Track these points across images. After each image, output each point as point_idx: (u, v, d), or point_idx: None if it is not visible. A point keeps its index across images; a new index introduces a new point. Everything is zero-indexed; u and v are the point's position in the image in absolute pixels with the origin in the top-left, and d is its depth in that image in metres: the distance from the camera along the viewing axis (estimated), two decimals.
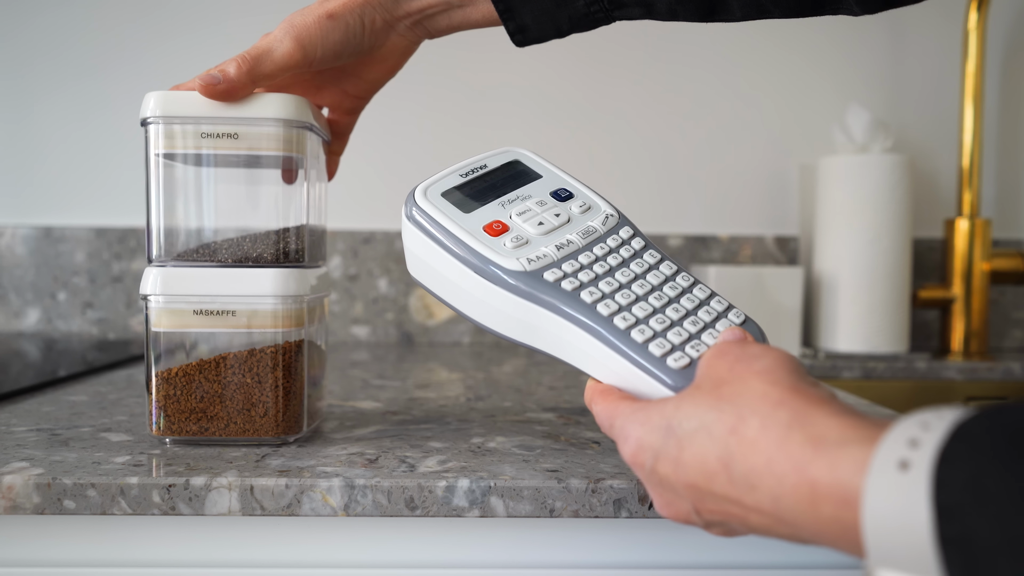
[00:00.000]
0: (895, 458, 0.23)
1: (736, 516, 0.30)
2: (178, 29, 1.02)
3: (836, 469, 0.25)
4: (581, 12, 0.51)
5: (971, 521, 0.21)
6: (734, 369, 0.31)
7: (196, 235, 0.49)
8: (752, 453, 0.28)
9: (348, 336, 1.02)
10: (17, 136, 1.03)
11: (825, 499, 0.25)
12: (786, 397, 0.28)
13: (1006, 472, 0.21)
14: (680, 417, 0.31)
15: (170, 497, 0.41)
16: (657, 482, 0.33)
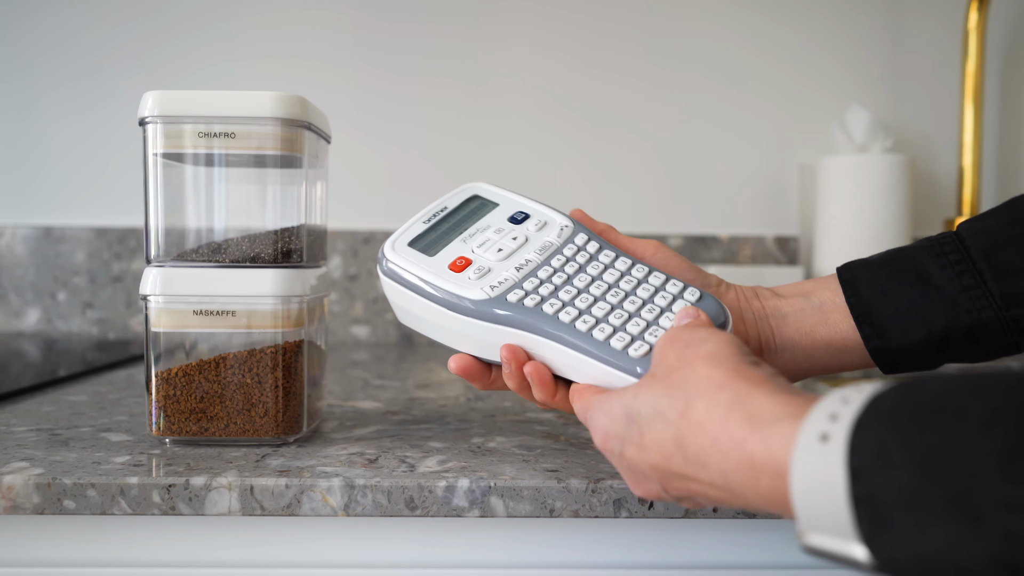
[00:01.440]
0: (817, 432, 0.25)
1: (697, 491, 0.32)
2: (178, 29, 1.02)
3: (769, 444, 0.27)
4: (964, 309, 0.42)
5: (875, 481, 0.23)
6: (682, 355, 0.34)
7: (195, 235, 0.49)
8: (700, 434, 0.30)
9: (348, 336, 1.02)
10: (17, 136, 1.03)
11: (762, 472, 0.28)
12: (728, 379, 0.31)
13: (904, 436, 0.23)
14: (638, 405, 0.34)
15: (170, 497, 0.41)
16: (627, 466, 0.35)
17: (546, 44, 1.04)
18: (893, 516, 0.23)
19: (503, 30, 1.03)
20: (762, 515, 0.42)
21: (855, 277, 0.44)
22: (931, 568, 0.22)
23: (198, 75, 1.02)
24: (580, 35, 1.04)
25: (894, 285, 0.43)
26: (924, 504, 0.22)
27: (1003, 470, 0.20)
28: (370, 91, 1.03)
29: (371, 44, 1.03)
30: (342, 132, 0.98)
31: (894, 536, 0.23)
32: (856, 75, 1.05)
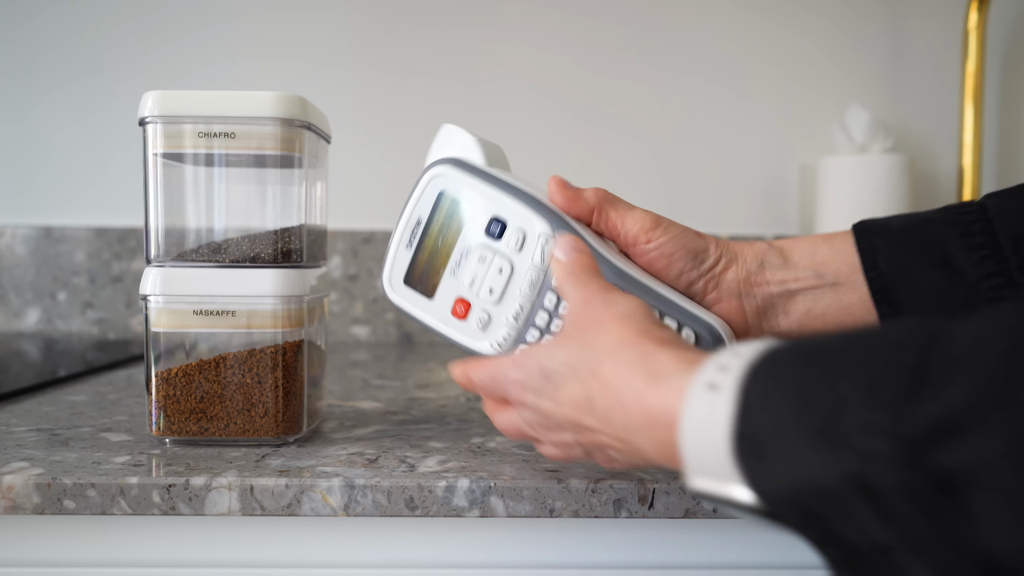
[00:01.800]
0: (706, 382, 0.27)
1: (607, 445, 0.34)
2: (179, 29, 1.02)
3: (665, 397, 0.29)
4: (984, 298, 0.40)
5: (757, 417, 0.25)
6: (597, 316, 0.35)
7: (195, 235, 0.49)
8: (607, 390, 0.32)
9: (348, 336, 1.02)
10: (17, 136, 1.03)
11: (658, 424, 0.29)
12: (635, 339, 0.32)
13: (787, 377, 0.24)
14: (553, 363, 0.35)
15: (170, 497, 0.41)
16: (541, 420, 0.37)
17: (545, 46, 1.04)
18: (769, 448, 0.24)
19: (502, 31, 1.03)
20: None
21: (874, 247, 0.42)
22: (799, 494, 0.23)
23: (198, 75, 1.02)
24: (579, 37, 1.04)
25: (916, 264, 0.41)
26: (797, 435, 0.23)
27: (866, 398, 0.21)
28: (370, 91, 1.03)
29: (371, 44, 1.03)
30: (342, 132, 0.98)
31: (770, 467, 0.24)
32: (856, 75, 1.05)
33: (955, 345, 0.21)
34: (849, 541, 0.23)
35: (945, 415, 0.20)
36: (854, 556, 0.24)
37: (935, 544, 0.21)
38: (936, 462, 0.20)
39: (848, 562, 0.24)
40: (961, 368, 0.20)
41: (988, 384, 0.19)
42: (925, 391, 0.20)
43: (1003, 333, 0.20)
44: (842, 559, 0.24)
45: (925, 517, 0.20)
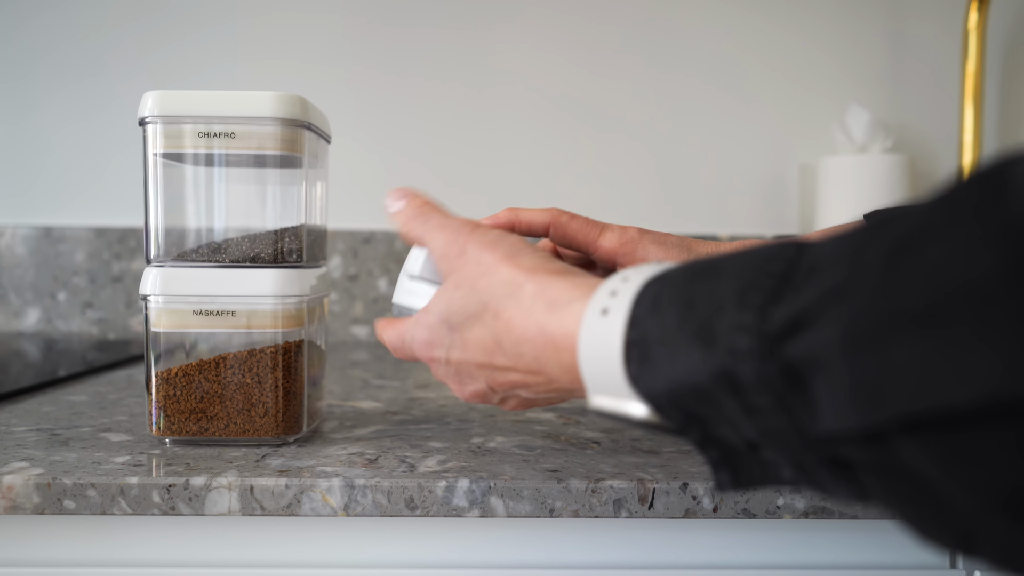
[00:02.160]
0: (599, 307, 0.28)
1: (519, 383, 0.36)
2: (179, 29, 1.02)
3: (565, 323, 0.31)
4: None
5: (645, 324, 0.26)
6: (481, 261, 0.36)
7: (195, 235, 0.49)
8: (513, 328, 0.33)
9: (348, 336, 1.02)
10: (18, 136, 1.03)
11: (562, 349, 0.31)
12: (528, 275, 0.34)
13: (675, 288, 0.26)
14: (453, 314, 0.36)
15: (170, 497, 0.41)
16: (454, 372, 0.38)
17: (544, 46, 1.04)
18: (654, 351, 0.26)
19: (502, 32, 1.03)
20: (762, 515, 0.42)
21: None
22: (676, 392, 0.25)
23: (198, 75, 1.02)
24: (578, 38, 1.04)
25: None
26: (677, 337, 0.25)
27: (737, 301, 0.23)
28: (370, 91, 1.03)
29: (371, 44, 1.03)
30: (342, 132, 0.99)
31: (653, 368, 0.26)
32: (856, 75, 1.05)
33: (815, 255, 0.22)
34: (725, 440, 0.25)
35: (796, 312, 0.21)
36: (731, 455, 0.26)
37: (790, 438, 0.22)
38: (785, 354, 0.21)
39: (727, 462, 0.26)
40: (816, 273, 0.21)
41: (832, 282, 0.21)
42: (786, 294, 0.22)
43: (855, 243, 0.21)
44: (721, 458, 0.26)
45: (780, 410, 0.22)
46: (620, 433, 0.53)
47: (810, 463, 0.23)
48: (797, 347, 0.21)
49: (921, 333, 0.18)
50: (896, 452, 0.19)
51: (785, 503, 0.42)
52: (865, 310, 0.19)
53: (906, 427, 0.19)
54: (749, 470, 0.26)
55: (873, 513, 0.42)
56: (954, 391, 0.17)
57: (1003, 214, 0.17)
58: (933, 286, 0.18)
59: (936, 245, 0.18)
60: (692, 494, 0.42)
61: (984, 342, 0.17)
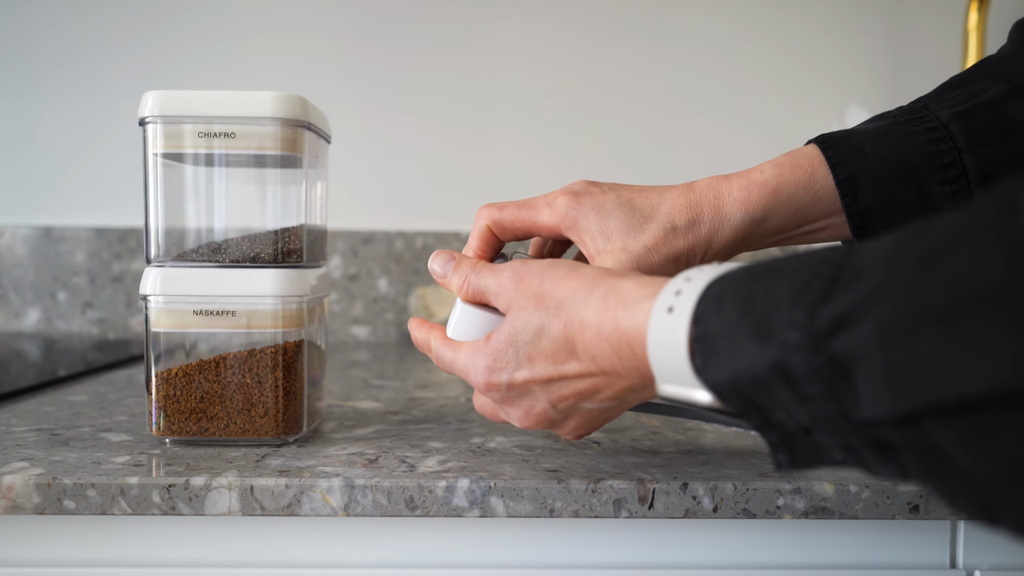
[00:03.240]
0: (665, 306, 0.31)
1: (584, 391, 0.37)
2: (180, 28, 1.02)
3: (636, 319, 0.33)
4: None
5: (708, 321, 0.29)
6: (543, 281, 0.38)
7: (195, 235, 0.49)
8: (586, 331, 0.35)
9: (348, 336, 1.02)
10: (17, 136, 1.03)
11: (634, 343, 0.33)
12: (597, 279, 0.36)
13: (736, 288, 0.28)
14: (519, 333, 0.37)
15: (170, 497, 0.41)
16: (516, 394, 0.39)
17: (545, 45, 1.04)
18: (718, 346, 0.28)
19: (502, 32, 1.03)
20: (762, 515, 0.42)
21: (854, 177, 0.43)
22: (739, 382, 0.27)
23: (198, 75, 1.02)
24: (577, 36, 1.04)
25: (895, 202, 0.43)
26: (738, 333, 0.27)
27: (792, 301, 0.26)
28: (370, 91, 1.03)
29: (371, 44, 1.03)
30: (342, 132, 0.99)
31: (717, 361, 0.28)
32: (856, 74, 1.05)
33: (860, 259, 0.25)
34: (783, 424, 0.28)
35: (841, 312, 0.24)
36: (789, 438, 0.28)
37: (837, 423, 0.25)
38: (831, 348, 0.24)
39: (785, 444, 0.29)
40: (860, 277, 0.24)
41: (871, 285, 0.23)
42: (833, 295, 0.24)
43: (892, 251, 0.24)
44: (780, 441, 0.29)
45: (828, 397, 0.25)
46: (620, 433, 0.53)
47: (856, 445, 0.25)
48: (842, 342, 0.23)
49: (942, 330, 0.21)
50: (927, 434, 0.22)
51: (785, 503, 0.42)
52: (896, 310, 0.22)
53: (932, 412, 0.21)
54: (805, 452, 0.28)
55: (872, 513, 0.42)
56: (967, 382, 0.20)
57: (1013, 232, 0.20)
58: (952, 290, 0.21)
59: (957, 254, 0.21)
60: (692, 494, 0.42)
61: (992, 339, 0.19)
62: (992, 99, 0.43)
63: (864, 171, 0.44)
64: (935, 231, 0.22)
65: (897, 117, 0.45)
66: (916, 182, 0.43)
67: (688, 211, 0.44)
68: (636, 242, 0.43)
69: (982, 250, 0.20)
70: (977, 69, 0.46)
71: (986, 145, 0.43)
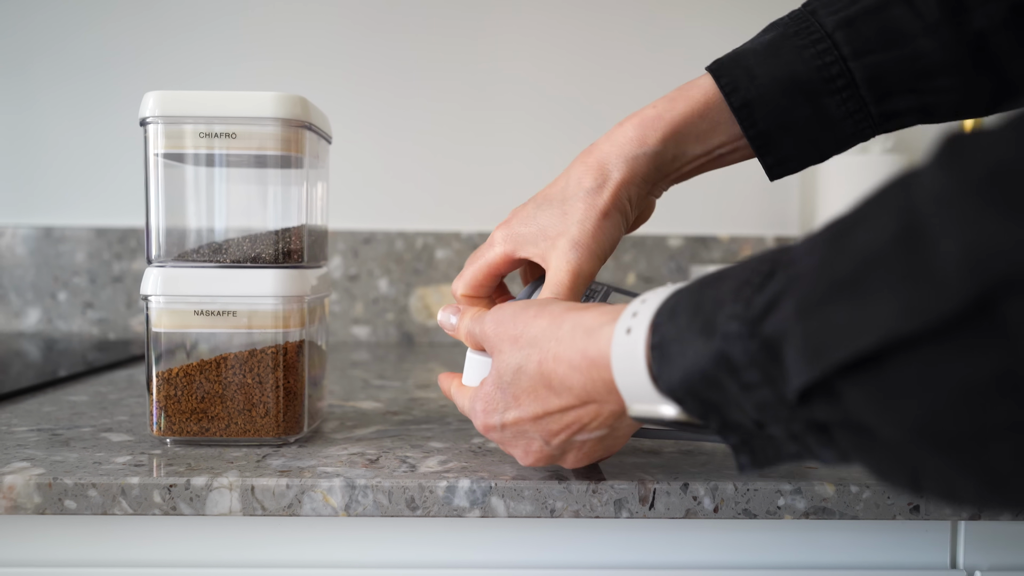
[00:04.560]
0: (624, 327, 0.32)
1: (573, 423, 0.38)
2: (179, 29, 1.02)
3: (599, 344, 0.34)
4: (849, 132, 0.46)
5: (663, 329, 0.30)
6: (517, 324, 0.39)
7: (196, 235, 0.49)
8: (559, 365, 0.36)
9: (348, 336, 1.02)
10: (18, 136, 1.03)
11: (601, 367, 0.34)
12: (563, 315, 0.37)
13: (688, 297, 0.30)
14: (502, 374, 0.39)
15: (171, 497, 0.41)
16: (512, 435, 0.40)
17: (546, 45, 1.04)
18: (671, 349, 0.29)
19: (502, 32, 1.03)
20: (762, 515, 0.42)
21: (749, 103, 0.45)
22: (688, 378, 0.28)
23: (198, 75, 1.02)
24: (579, 37, 1.04)
25: (792, 119, 0.45)
26: (688, 333, 0.29)
27: (733, 296, 0.27)
28: (370, 91, 1.03)
29: (372, 44, 1.03)
30: (342, 132, 0.99)
31: (670, 363, 0.29)
32: None
33: (793, 251, 0.26)
34: (740, 423, 0.28)
35: (772, 296, 0.25)
36: (747, 438, 0.29)
37: (778, 408, 0.26)
38: (763, 330, 0.25)
39: (745, 445, 0.29)
40: (788, 268, 0.25)
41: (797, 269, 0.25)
42: (767, 286, 0.26)
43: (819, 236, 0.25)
44: (740, 443, 0.29)
45: (766, 382, 0.25)
46: None
47: (799, 431, 0.26)
48: (770, 323, 0.25)
49: (848, 296, 0.22)
50: (846, 404, 0.23)
51: (785, 503, 0.42)
52: (812, 284, 0.23)
53: (840, 374, 0.22)
54: (764, 450, 0.29)
55: (873, 513, 0.43)
56: (864, 336, 0.21)
57: (904, 199, 0.22)
58: (856, 258, 0.22)
59: (862, 226, 0.23)
60: (693, 494, 0.42)
61: (882, 295, 0.21)
62: (876, 5, 0.44)
63: (757, 95, 0.45)
64: (848, 214, 0.24)
65: (787, 27, 0.47)
66: (809, 96, 0.45)
67: (592, 171, 0.45)
68: (569, 223, 0.44)
69: (878, 221, 0.22)
70: None
71: (871, 52, 0.44)
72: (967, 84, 0.44)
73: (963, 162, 0.21)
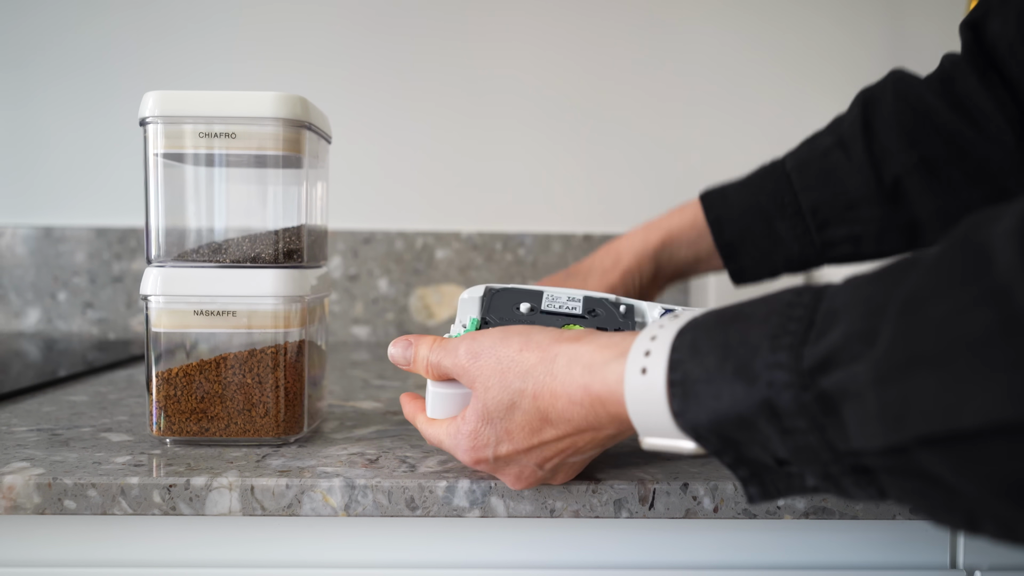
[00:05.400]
0: (637, 367, 0.33)
1: (568, 448, 0.38)
2: (179, 29, 1.02)
3: (608, 383, 0.34)
4: (796, 254, 0.59)
5: (687, 367, 0.31)
6: (501, 359, 0.38)
7: (196, 235, 0.49)
8: (557, 401, 0.36)
9: (348, 336, 1.02)
10: (18, 136, 1.03)
11: (609, 404, 0.34)
12: (554, 348, 0.37)
13: (709, 334, 0.31)
14: (491, 411, 0.38)
15: (171, 497, 0.41)
16: (503, 464, 0.40)
17: (544, 47, 1.04)
18: (698, 389, 0.30)
19: (502, 32, 1.03)
20: (762, 515, 0.42)
21: (719, 218, 0.60)
22: (720, 422, 0.29)
23: (198, 75, 1.02)
24: (578, 38, 1.04)
25: (751, 236, 0.59)
26: (719, 375, 0.29)
27: (771, 345, 0.28)
28: (370, 91, 1.03)
29: (371, 44, 1.03)
30: (342, 132, 0.99)
31: (698, 403, 0.30)
32: (856, 75, 1.05)
33: (830, 302, 0.28)
34: (756, 459, 0.30)
35: (827, 352, 0.26)
36: (759, 471, 0.31)
37: (821, 453, 0.27)
38: (820, 385, 0.26)
39: (756, 478, 0.31)
40: (835, 319, 0.27)
41: (856, 328, 0.26)
42: (811, 337, 0.27)
43: (866, 295, 0.26)
44: (750, 476, 0.31)
45: (814, 430, 0.27)
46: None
47: (836, 472, 0.28)
48: (830, 380, 0.26)
49: (933, 372, 0.23)
50: (915, 460, 0.25)
51: (786, 503, 0.42)
52: (889, 352, 0.24)
53: (924, 443, 0.24)
54: (775, 483, 0.31)
55: (873, 513, 0.43)
56: (964, 416, 0.22)
57: (990, 282, 0.23)
58: (942, 336, 0.23)
59: (937, 302, 0.24)
60: (692, 494, 0.42)
61: (989, 379, 0.22)
62: (822, 151, 0.58)
63: (727, 214, 0.60)
64: (909, 278, 0.25)
65: (763, 169, 0.61)
66: (766, 219, 0.59)
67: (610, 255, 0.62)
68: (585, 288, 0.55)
69: (963, 300, 0.23)
70: (830, 124, 0.60)
71: (814, 188, 0.58)
72: (884, 216, 0.56)
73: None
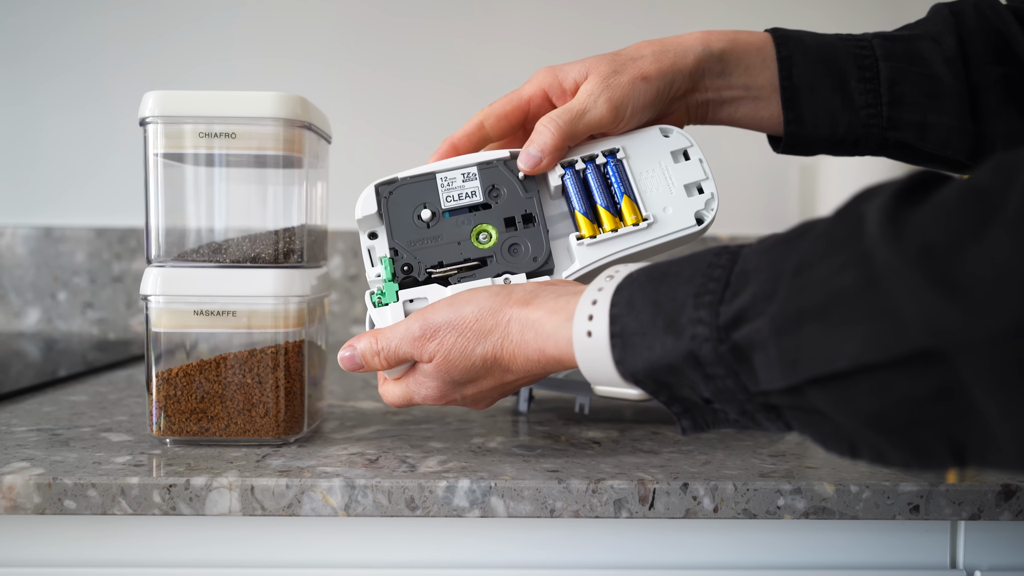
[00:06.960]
0: (583, 330, 0.37)
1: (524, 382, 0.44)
2: (179, 29, 1.02)
3: (559, 346, 0.39)
4: (861, 122, 0.52)
5: (624, 322, 0.35)
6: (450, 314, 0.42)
7: (196, 235, 0.49)
8: (517, 357, 0.41)
9: (348, 336, 1.02)
10: (17, 135, 1.03)
11: (564, 360, 0.39)
12: (506, 314, 0.41)
13: (643, 291, 0.35)
14: (457, 378, 0.43)
15: (171, 497, 0.41)
16: (471, 401, 0.45)
17: (544, 47, 1.04)
18: (635, 341, 0.35)
19: (503, 32, 1.03)
20: (762, 515, 0.42)
21: (791, 59, 0.52)
22: (653, 367, 0.34)
23: (198, 75, 1.02)
24: (579, 37, 1.04)
25: (821, 84, 0.52)
26: (652, 329, 0.34)
27: (694, 303, 0.32)
28: (370, 91, 1.03)
29: (371, 44, 1.03)
30: (342, 132, 0.98)
31: (635, 353, 0.35)
32: None
33: (744, 266, 0.32)
34: (687, 398, 0.35)
35: (738, 310, 0.31)
36: (690, 408, 0.35)
37: (737, 393, 0.32)
38: (733, 339, 0.31)
39: (687, 413, 0.36)
40: (746, 282, 0.31)
41: (760, 289, 0.30)
42: (727, 297, 0.32)
43: (772, 258, 0.31)
44: (683, 411, 0.36)
45: (730, 375, 0.32)
46: (620, 433, 0.53)
47: (751, 409, 0.33)
48: (741, 333, 0.31)
49: (817, 323, 0.28)
50: (807, 398, 0.29)
51: (785, 503, 0.42)
52: (783, 308, 0.29)
53: (812, 382, 0.29)
54: (704, 417, 0.36)
55: (873, 513, 0.43)
56: (838, 359, 0.27)
57: (860, 246, 0.27)
58: (822, 292, 0.28)
59: (821, 264, 0.28)
60: (692, 494, 0.42)
61: (852, 328, 0.27)
62: (908, 36, 0.55)
63: (800, 53, 0.53)
64: (804, 242, 0.30)
65: (841, 34, 0.55)
66: (840, 74, 0.52)
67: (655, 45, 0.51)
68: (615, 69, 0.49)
69: (838, 262, 0.27)
70: (908, 24, 0.57)
71: (898, 60, 0.52)
72: (960, 117, 0.52)
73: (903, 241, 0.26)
